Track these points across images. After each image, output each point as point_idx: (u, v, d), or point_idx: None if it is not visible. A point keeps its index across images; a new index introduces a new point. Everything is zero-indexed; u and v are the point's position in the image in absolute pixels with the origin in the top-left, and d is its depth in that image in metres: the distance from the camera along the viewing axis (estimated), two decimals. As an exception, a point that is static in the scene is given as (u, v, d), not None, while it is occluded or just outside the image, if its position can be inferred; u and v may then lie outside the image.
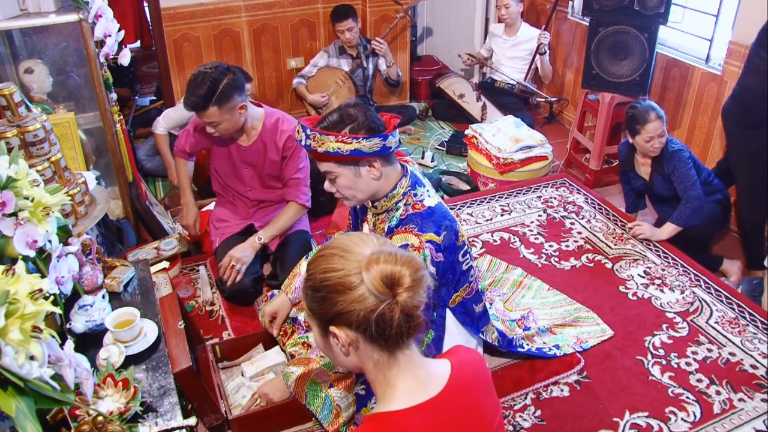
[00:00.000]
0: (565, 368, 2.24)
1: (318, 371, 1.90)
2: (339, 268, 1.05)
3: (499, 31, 4.43)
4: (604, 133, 3.57)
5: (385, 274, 1.03)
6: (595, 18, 3.39)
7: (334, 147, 1.70)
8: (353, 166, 1.76)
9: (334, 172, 1.78)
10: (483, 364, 1.23)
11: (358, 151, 1.70)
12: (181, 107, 3.56)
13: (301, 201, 2.63)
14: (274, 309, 2.18)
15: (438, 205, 1.85)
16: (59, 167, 1.97)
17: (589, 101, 3.72)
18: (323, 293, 1.06)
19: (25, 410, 0.96)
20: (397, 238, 1.80)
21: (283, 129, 2.55)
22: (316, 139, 1.71)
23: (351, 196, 1.84)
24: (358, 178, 1.78)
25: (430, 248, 1.76)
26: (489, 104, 4.34)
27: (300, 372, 1.90)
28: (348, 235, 1.14)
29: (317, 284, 1.07)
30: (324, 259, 1.08)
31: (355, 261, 1.05)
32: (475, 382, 1.16)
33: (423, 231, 1.77)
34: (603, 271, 2.81)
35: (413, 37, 4.97)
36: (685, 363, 2.29)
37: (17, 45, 2.57)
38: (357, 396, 1.86)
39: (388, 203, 1.87)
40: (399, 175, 1.86)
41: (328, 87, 4.22)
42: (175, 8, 3.89)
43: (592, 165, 3.69)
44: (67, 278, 1.47)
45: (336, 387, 1.89)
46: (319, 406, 1.88)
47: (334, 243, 1.11)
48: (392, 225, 1.85)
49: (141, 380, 1.50)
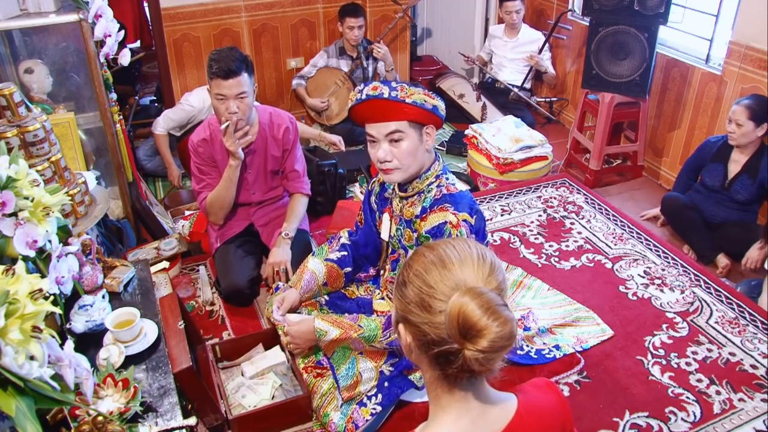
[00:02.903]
0: (565, 368, 2.24)
1: (354, 341, 1.94)
2: (430, 284, 0.94)
3: (499, 33, 4.43)
4: (604, 133, 3.57)
5: (466, 320, 0.88)
6: (595, 18, 3.39)
7: (421, 99, 1.75)
8: (420, 130, 1.81)
9: (404, 133, 1.79)
10: (559, 412, 1.08)
11: (436, 109, 1.79)
12: (180, 108, 3.56)
13: (306, 191, 2.70)
14: (283, 298, 2.16)
15: (466, 191, 1.90)
16: (59, 167, 1.97)
17: (589, 101, 3.72)
18: (408, 295, 0.96)
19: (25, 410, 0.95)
20: (434, 217, 1.82)
21: (279, 123, 2.56)
22: (405, 90, 1.75)
23: (407, 166, 1.84)
24: (419, 146, 1.82)
25: (466, 228, 1.79)
26: (489, 104, 4.34)
27: (335, 336, 1.93)
28: (463, 242, 1.01)
29: (407, 281, 0.97)
30: (425, 263, 0.96)
31: (451, 285, 0.92)
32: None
33: (459, 210, 1.80)
34: (603, 271, 2.81)
35: (413, 37, 4.97)
36: (685, 363, 2.29)
37: (17, 45, 2.57)
38: (381, 374, 1.90)
39: (421, 185, 1.90)
40: (433, 158, 1.92)
41: (327, 88, 4.21)
42: (175, 8, 3.89)
43: (592, 165, 3.69)
44: (67, 278, 1.47)
45: (365, 356, 1.94)
46: (343, 366, 1.93)
47: (443, 249, 0.98)
48: (426, 206, 1.88)
49: (141, 380, 1.50)
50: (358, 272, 2.31)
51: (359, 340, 1.92)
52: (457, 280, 0.93)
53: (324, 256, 2.24)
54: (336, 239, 2.29)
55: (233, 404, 2.04)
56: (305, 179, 2.70)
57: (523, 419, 1.00)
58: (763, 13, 2.91)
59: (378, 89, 1.76)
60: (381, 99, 1.76)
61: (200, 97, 3.56)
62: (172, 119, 3.56)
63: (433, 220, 1.82)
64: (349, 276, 2.25)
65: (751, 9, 2.99)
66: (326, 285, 2.21)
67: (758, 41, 2.96)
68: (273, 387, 2.08)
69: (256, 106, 2.55)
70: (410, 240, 1.97)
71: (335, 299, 2.24)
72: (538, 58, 4.25)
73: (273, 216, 2.73)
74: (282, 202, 2.78)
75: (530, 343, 2.28)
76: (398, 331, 1.01)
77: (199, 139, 2.50)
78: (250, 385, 2.09)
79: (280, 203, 2.77)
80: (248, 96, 2.35)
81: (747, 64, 3.05)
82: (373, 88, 1.77)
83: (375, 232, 2.18)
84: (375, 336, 1.92)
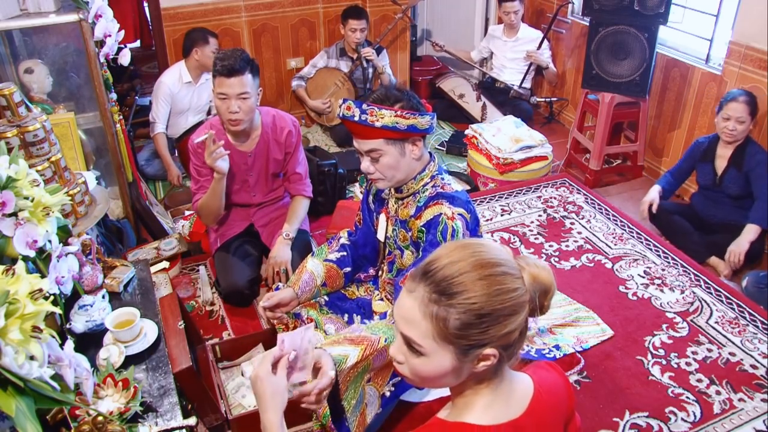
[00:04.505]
0: (565, 368, 2.24)
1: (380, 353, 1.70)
2: (514, 288, 0.94)
3: (499, 33, 4.44)
4: (604, 133, 3.57)
5: (543, 284, 0.96)
6: (595, 18, 3.39)
7: (392, 121, 1.70)
8: (400, 144, 1.76)
9: (381, 150, 1.76)
10: (564, 389, 1.13)
11: (414, 127, 1.73)
12: (161, 101, 3.59)
13: (307, 193, 2.69)
14: (281, 298, 2.14)
15: (462, 191, 1.87)
16: (59, 167, 1.97)
17: (589, 101, 3.72)
18: (493, 316, 0.93)
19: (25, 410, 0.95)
20: (429, 211, 1.80)
21: (281, 126, 2.56)
22: (374, 114, 1.70)
23: (391, 177, 1.82)
24: (402, 158, 1.78)
25: (462, 222, 1.75)
26: (489, 104, 4.34)
27: (357, 357, 1.65)
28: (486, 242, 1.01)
29: (485, 310, 0.92)
30: (492, 280, 0.93)
31: (519, 275, 0.96)
32: (556, 411, 1.08)
33: (454, 205, 1.78)
34: (603, 271, 2.81)
35: (413, 38, 4.97)
36: (685, 363, 2.29)
37: (17, 45, 2.57)
38: (382, 397, 1.82)
39: (416, 185, 1.87)
40: (428, 159, 1.89)
41: (327, 88, 4.21)
42: (175, 8, 3.89)
43: (592, 165, 3.69)
44: (67, 278, 1.47)
45: (372, 382, 1.81)
46: (353, 401, 1.73)
47: (491, 256, 0.96)
48: (420, 204, 1.86)
49: (141, 380, 1.50)
50: (358, 272, 2.31)
51: (385, 348, 1.70)
52: (516, 266, 0.97)
53: (323, 256, 2.23)
54: (335, 240, 2.29)
55: (233, 404, 2.04)
56: (307, 181, 2.70)
57: (542, 396, 1.04)
58: (763, 13, 2.91)
59: (351, 110, 1.73)
60: (352, 121, 1.74)
61: (170, 74, 3.63)
62: (161, 114, 3.62)
63: (427, 215, 1.80)
64: (348, 276, 2.24)
65: (751, 9, 2.99)
66: (325, 285, 2.20)
67: (758, 41, 2.96)
68: (273, 387, 2.07)
69: (259, 109, 2.55)
70: (405, 240, 1.96)
71: (335, 300, 2.23)
72: (537, 54, 4.24)
73: (273, 216, 2.73)
74: (283, 202, 2.78)
75: (530, 343, 2.28)
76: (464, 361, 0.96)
77: (200, 141, 2.49)
78: (250, 385, 2.09)
79: (280, 204, 2.77)
80: (250, 97, 2.34)
81: (747, 64, 3.05)
82: (346, 108, 1.75)
83: (373, 233, 2.18)
84: (391, 335, 1.75)
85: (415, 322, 0.95)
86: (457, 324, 0.93)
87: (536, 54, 4.25)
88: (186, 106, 3.71)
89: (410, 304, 0.95)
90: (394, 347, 1.02)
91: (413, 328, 0.95)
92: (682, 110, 3.51)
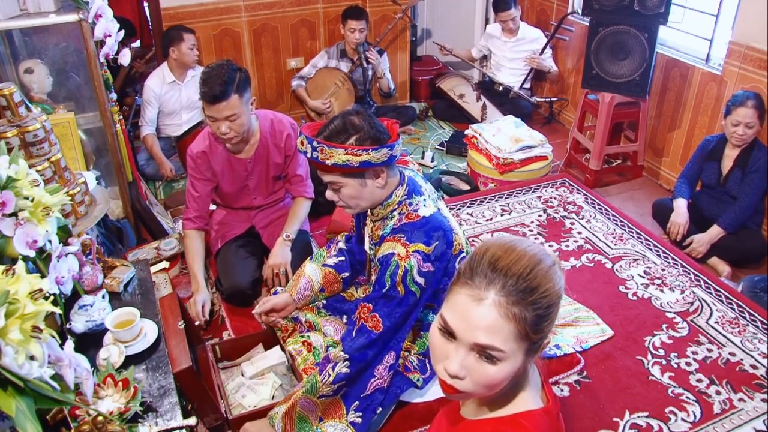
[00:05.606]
0: (565, 368, 2.24)
1: (302, 402, 1.80)
2: (560, 275, 0.98)
3: (498, 33, 4.43)
4: (604, 133, 3.57)
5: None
6: (595, 18, 3.39)
7: (343, 159, 1.67)
8: (359, 177, 1.74)
9: (339, 183, 1.76)
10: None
11: (368, 163, 1.69)
12: (147, 104, 3.67)
13: (309, 195, 2.68)
14: (275, 303, 2.15)
15: (434, 214, 1.80)
16: (59, 167, 1.97)
17: (589, 101, 3.72)
18: (557, 305, 0.97)
19: (25, 410, 0.95)
20: (385, 246, 1.79)
21: (280, 129, 2.55)
22: (324, 152, 1.67)
23: (354, 205, 1.82)
24: (364, 188, 1.76)
25: (417, 258, 1.72)
26: (489, 104, 4.34)
27: (284, 409, 1.81)
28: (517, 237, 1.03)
29: (553, 300, 0.96)
30: (552, 270, 0.96)
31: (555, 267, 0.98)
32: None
33: (411, 241, 1.74)
34: (603, 271, 2.81)
35: (413, 37, 4.97)
36: (685, 363, 2.29)
37: (17, 45, 2.57)
38: (353, 425, 1.81)
39: (384, 211, 1.85)
40: (396, 183, 1.84)
41: (327, 89, 4.21)
42: (175, 8, 3.89)
43: (592, 165, 3.69)
44: (67, 278, 1.47)
45: (326, 420, 1.81)
46: None
47: (537, 249, 0.98)
48: (384, 233, 1.84)
49: (141, 380, 1.50)
50: (356, 276, 2.31)
51: (305, 396, 1.79)
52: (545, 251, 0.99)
53: (322, 261, 2.23)
54: (334, 244, 2.29)
55: (233, 404, 2.04)
56: (308, 182, 2.69)
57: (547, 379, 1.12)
58: (763, 13, 2.91)
59: (303, 145, 1.72)
60: (306, 156, 1.73)
61: (154, 77, 3.69)
62: (148, 116, 3.69)
63: (383, 249, 1.79)
64: (347, 281, 2.24)
65: (751, 9, 2.99)
66: (323, 291, 2.20)
67: (758, 41, 2.96)
68: (273, 387, 2.08)
69: (257, 113, 2.54)
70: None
71: (333, 302, 2.23)
72: (540, 59, 4.24)
73: (274, 218, 2.73)
74: (283, 203, 2.78)
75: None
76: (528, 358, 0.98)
77: (198, 151, 2.48)
78: (250, 385, 2.09)
79: (281, 205, 2.77)
80: (239, 116, 2.30)
81: (747, 64, 3.05)
82: (300, 143, 1.73)
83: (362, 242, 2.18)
84: (315, 383, 1.79)
85: (497, 327, 0.92)
86: (535, 319, 0.93)
87: (539, 59, 4.24)
88: (176, 105, 3.76)
89: (487, 312, 0.91)
90: (455, 365, 0.94)
91: (495, 335, 0.92)
92: (682, 110, 3.51)
